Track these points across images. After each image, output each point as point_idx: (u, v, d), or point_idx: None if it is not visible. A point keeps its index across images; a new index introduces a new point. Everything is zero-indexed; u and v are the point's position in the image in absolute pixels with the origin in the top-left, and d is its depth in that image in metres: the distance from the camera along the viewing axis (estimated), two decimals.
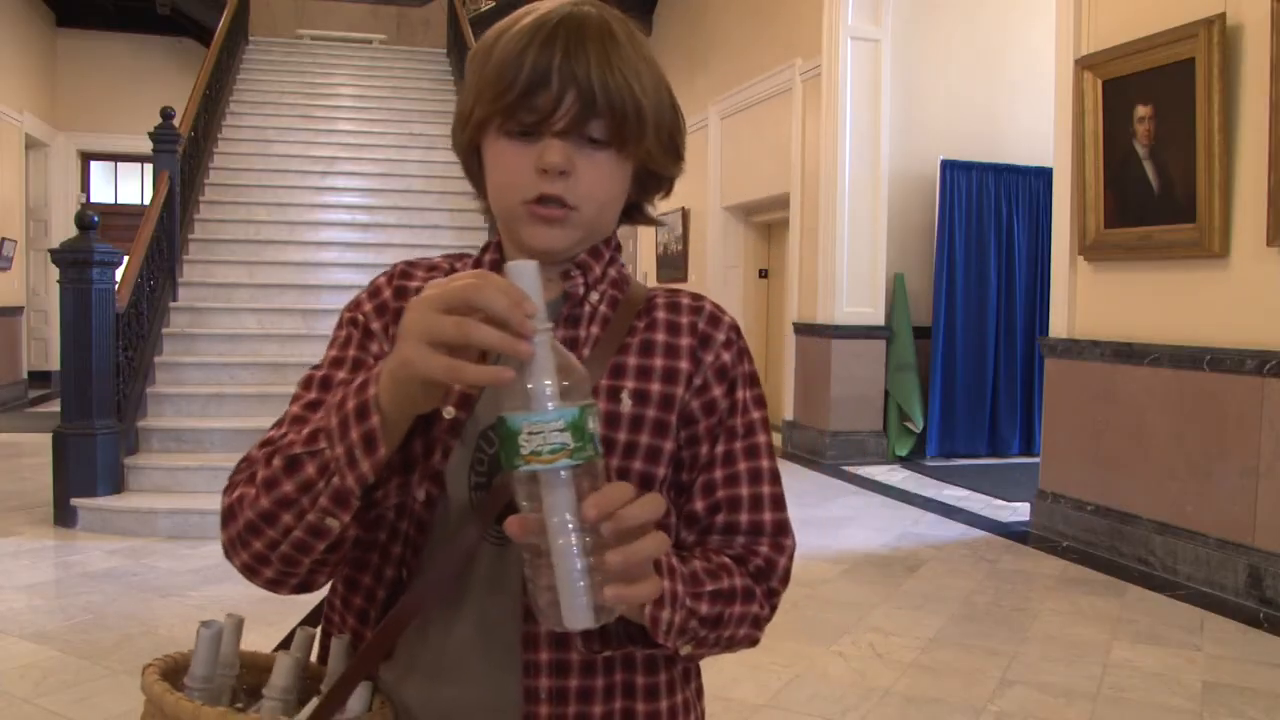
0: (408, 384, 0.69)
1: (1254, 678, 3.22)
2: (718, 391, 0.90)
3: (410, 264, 0.96)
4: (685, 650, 0.82)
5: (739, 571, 0.86)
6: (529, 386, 0.65)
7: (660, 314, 0.92)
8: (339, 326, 0.93)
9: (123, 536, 4.92)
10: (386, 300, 0.92)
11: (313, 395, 0.87)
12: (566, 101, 0.81)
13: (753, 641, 0.88)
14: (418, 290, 0.88)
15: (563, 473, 0.64)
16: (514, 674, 0.83)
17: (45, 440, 5.77)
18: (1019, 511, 5.60)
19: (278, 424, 0.86)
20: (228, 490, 0.82)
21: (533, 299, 0.66)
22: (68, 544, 4.82)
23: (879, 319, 7.26)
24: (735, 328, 0.94)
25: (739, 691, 3.04)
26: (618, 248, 0.95)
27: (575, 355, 0.84)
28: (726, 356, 0.91)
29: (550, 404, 0.64)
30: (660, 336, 0.90)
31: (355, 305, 0.93)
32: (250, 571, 0.82)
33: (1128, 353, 4.62)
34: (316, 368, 0.91)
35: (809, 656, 3.37)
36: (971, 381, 7.32)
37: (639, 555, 0.66)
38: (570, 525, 0.64)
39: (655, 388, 0.88)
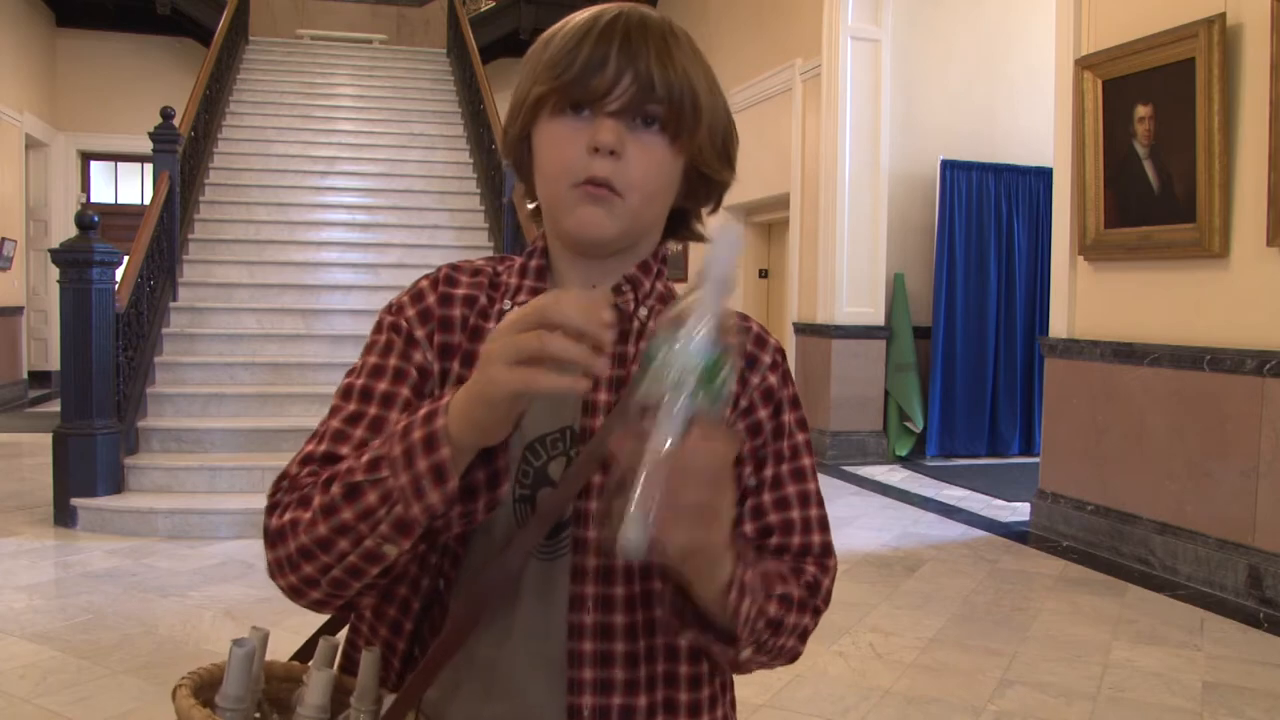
0: (489, 407, 0.69)
1: (1254, 678, 3.22)
2: (763, 414, 0.90)
3: (455, 268, 0.93)
4: (746, 654, 0.82)
5: (794, 581, 0.86)
6: (693, 328, 0.66)
7: None
8: (378, 330, 0.89)
9: (123, 536, 4.92)
10: (431, 306, 0.89)
11: (352, 407, 0.85)
12: (624, 83, 0.81)
13: (794, 656, 0.89)
14: (465, 297, 0.89)
15: (678, 406, 0.64)
16: (560, 691, 0.83)
17: (45, 440, 5.77)
18: (1019, 511, 5.60)
19: (316, 437, 0.84)
20: (274, 511, 0.81)
21: (731, 261, 0.68)
22: (68, 544, 4.82)
23: (879, 319, 7.26)
24: (780, 350, 0.94)
25: (739, 691, 3.02)
26: (664, 260, 0.94)
27: (621, 371, 0.87)
28: (773, 379, 0.91)
29: (695, 338, 0.65)
30: None
31: (397, 309, 0.89)
32: (296, 593, 0.81)
33: (1128, 353, 4.62)
34: (353, 374, 0.87)
35: (809, 656, 3.37)
36: (971, 381, 7.32)
37: (717, 502, 0.67)
38: (663, 456, 0.64)
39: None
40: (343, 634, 0.96)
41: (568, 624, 0.82)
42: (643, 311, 0.90)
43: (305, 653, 0.97)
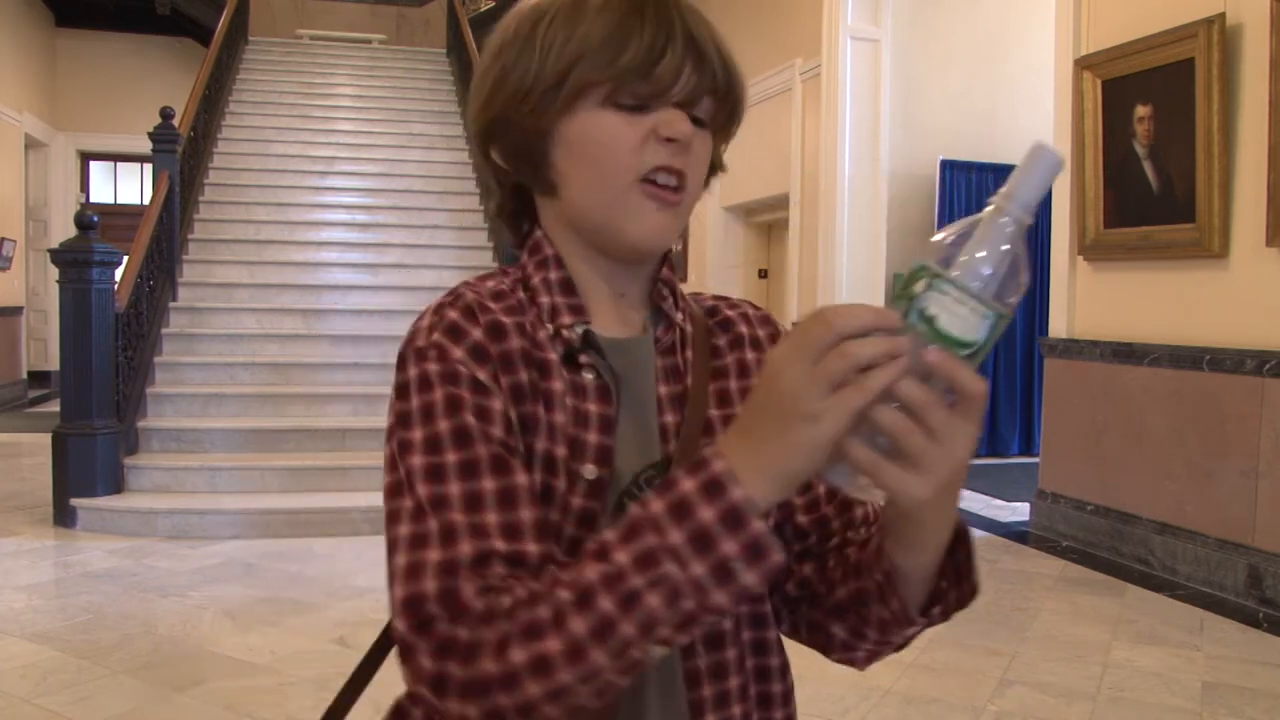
0: (813, 451, 0.59)
1: (1254, 678, 3.22)
2: None
3: (473, 289, 0.76)
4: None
5: None
6: (976, 255, 0.58)
7: (741, 329, 0.87)
8: (426, 387, 0.71)
9: (122, 537, 4.91)
10: (481, 343, 0.73)
11: (463, 488, 0.68)
12: (686, 71, 0.74)
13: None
14: (516, 326, 0.75)
15: (931, 349, 0.58)
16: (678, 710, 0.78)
17: (45, 440, 5.77)
18: (1018, 511, 5.60)
19: (446, 540, 0.66)
20: (464, 653, 0.62)
21: (1045, 187, 0.59)
22: (67, 544, 4.82)
23: None
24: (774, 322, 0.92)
25: None
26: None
27: (679, 386, 0.81)
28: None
29: (975, 284, 0.58)
30: (750, 355, 0.86)
31: (441, 355, 0.72)
32: None
33: (1127, 353, 4.62)
34: (423, 450, 0.69)
35: (808, 656, 3.36)
36: None
37: (883, 421, 0.59)
38: (902, 398, 0.58)
39: None
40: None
41: (685, 672, 0.79)
42: (679, 316, 0.84)
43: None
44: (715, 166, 0.85)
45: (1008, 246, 0.59)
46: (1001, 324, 0.59)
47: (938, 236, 0.60)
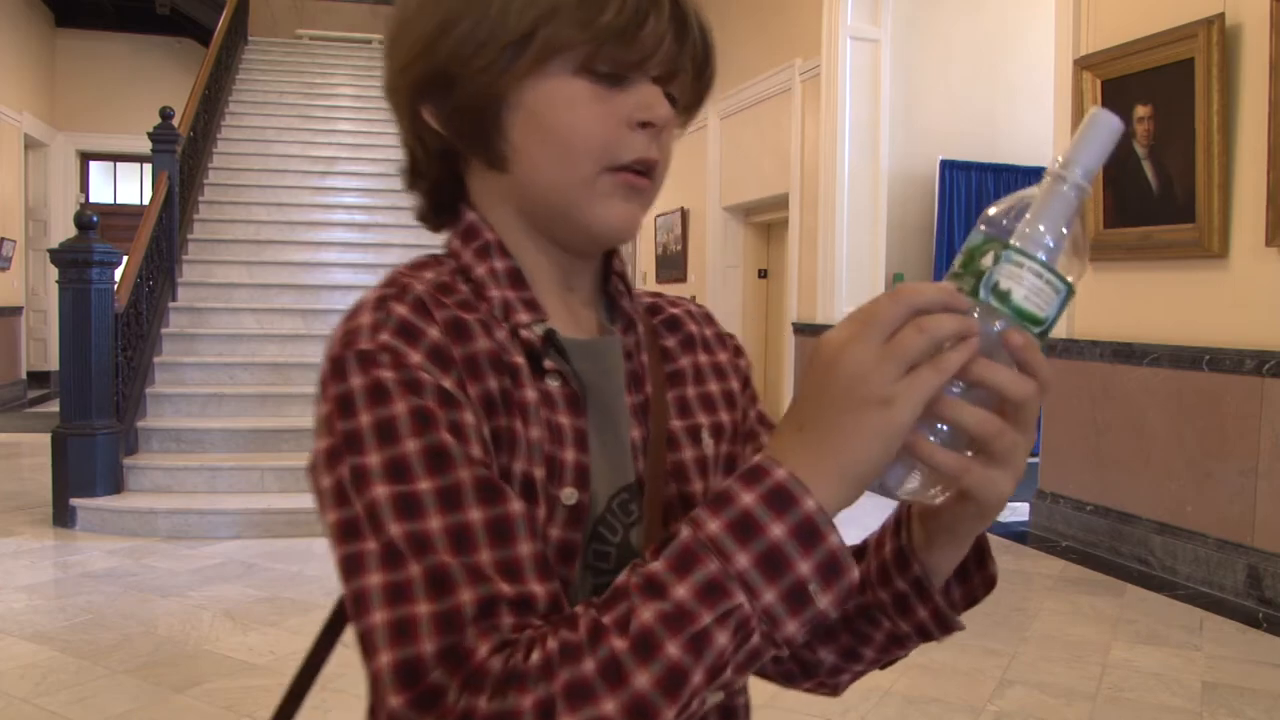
0: (888, 443, 0.52)
1: (1253, 678, 3.22)
2: (747, 395, 0.81)
3: (418, 288, 0.63)
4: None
5: None
6: (1040, 226, 0.54)
7: (691, 328, 0.79)
8: (381, 400, 0.57)
9: (122, 537, 4.91)
10: (441, 344, 0.61)
11: (444, 522, 0.55)
12: (668, 40, 0.65)
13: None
14: (482, 324, 0.64)
15: (1014, 329, 0.53)
16: None
17: (44, 440, 5.77)
18: (1018, 512, 5.60)
19: (438, 588, 0.54)
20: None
21: (1106, 153, 0.55)
22: (67, 544, 4.82)
23: None
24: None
25: None
26: None
27: (641, 395, 0.71)
28: (741, 361, 0.82)
29: (1044, 256, 0.54)
30: (703, 357, 0.78)
31: (395, 360, 0.58)
32: None
33: (1127, 353, 4.62)
34: (397, 478, 0.56)
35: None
36: None
37: (965, 417, 0.53)
38: (987, 383, 0.53)
39: (725, 417, 0.77)
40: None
41: None
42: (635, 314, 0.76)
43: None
44: None
45: (1072, 216, 0.55)
46: (1069, 300, 0.55)
47: (993, 210, 0.56)
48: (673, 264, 10.46)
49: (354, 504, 0.57)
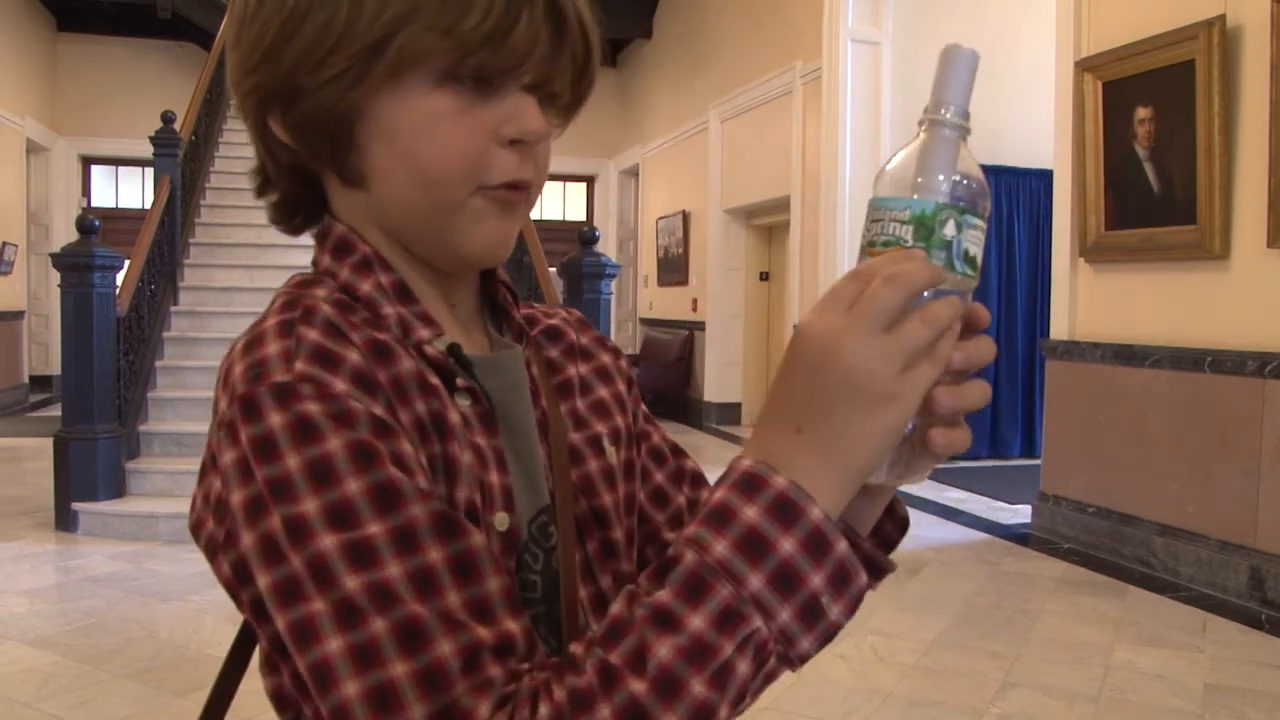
0: (891, 443, 0.49)
1: (1256, 679, 3.22)
2: (632, 397, 0.79)
3: (324, 308, 0.57)
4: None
5: None
6: (955, 177, 0.52)
7: (571, 336, 0.76)
8: (310, 438, 0.51)
9: (124, 541, 4.91)
10: (362, 368, 0.55)
11: (400, 569, 0.50)
12: (543, 40, 0.58)
13: None
14: (399, 342, 0.60)
15: (977, 304, 0.53)
16: None
17: (46, 445, 5.77)
18: (1020, 513, 5.60)
19: (411, 643, 0.48)
20: None
21: (969, 85, 0.52)
22: (69, 548, 4.82)
23: None
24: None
25: None
26: None
27: (538, 410, 0.67)
28: (622, 362, 0.79)
29: (979, 207, 0.52)
30: (582, 367, 0.74)
31: (319, 391, 0.52)
32: None
33: (1129, 354, 4.62)
34: (341, 524, 0.50)
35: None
36: None
37: (969, 401, 0.52)
38: (972, 362, 0.53)
39: (620, 422, 0.74)
40: None
41: None
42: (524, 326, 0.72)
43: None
44: None
45: (971, 158, 0.52)
46: (947, 216, 0.52)
47: (892, 170, 0.53)
48: (674, 267, 10.46)
49: (291, 561, 0.50)
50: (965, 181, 0.51)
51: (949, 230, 0.51)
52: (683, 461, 0.80)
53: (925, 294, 0.49)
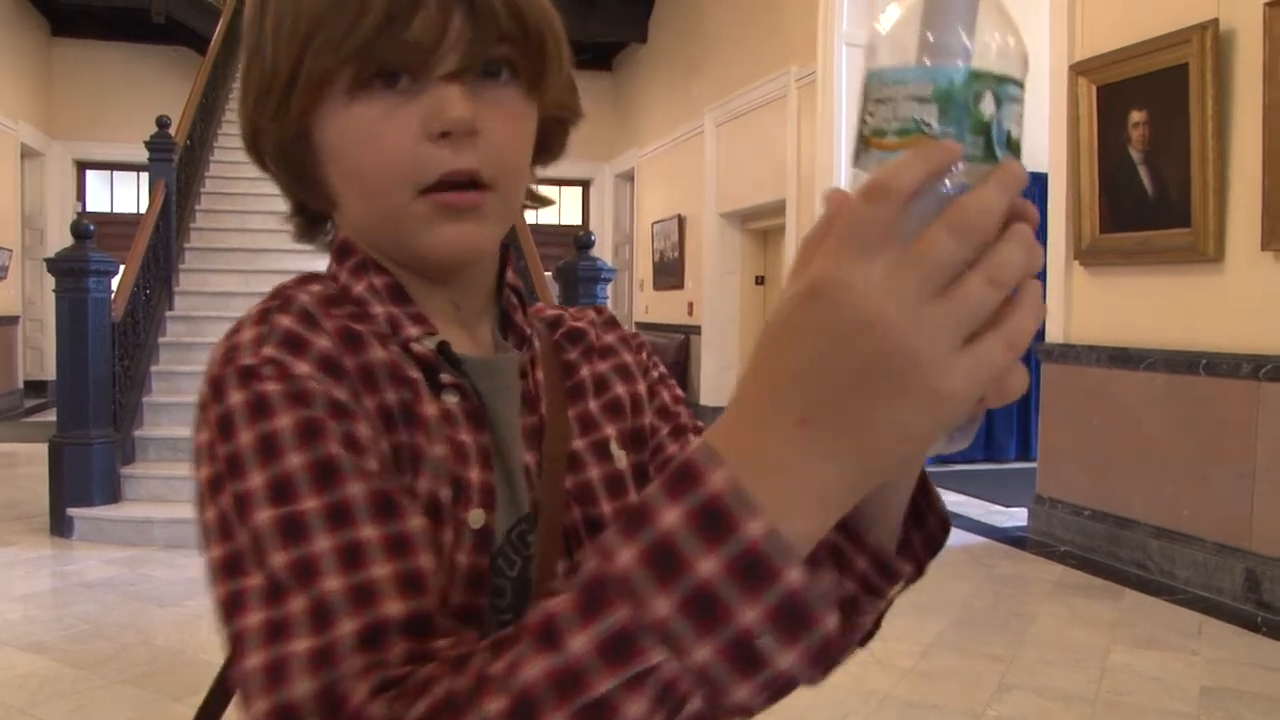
0: (931, 443, 0.40)
1: (1252, 681, 3.23)
2: (650, 387, 0.76)
3: (303, 299, 0.59)
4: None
5: None
6: (996, 34, 0.39)
7: (591, 336, 0.74)
8: (263, 415, 0.51)
9: (119, 546, 4.90)
10: (330, 353, 0.55)
11: (329, 543, 0.48)
12: (455, 23, 0.56)
13: None
14: (377, 334, 0.60)
15: (1025, 201, 0.38)
16: None
17: (41, 450, 5.75)
18: (1016, 516, 5.60)
19: (319, 622, 0.47)
20: None
21: (967, 19, 0.38)
22: (64, 554, 4.81)
23: None
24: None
25: None
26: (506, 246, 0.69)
27: (534, 416, 0.66)
28: (646, 357, 0.76)
29: (1015, 70, 0.39)
30: (601, 365, 0.72)
31: (280, 372, 0.53)
32: None
33: (1124, 357, 4.63)
34: (280, 499, 0.49)
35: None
36: None
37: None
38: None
39: (638, 422, 0.72)
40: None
41: None
42: (529, 329, 0.70)
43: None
44: (560, 123, 0.69)
45: (1000, 3, 0.39)
46: (982, 88, 0.39)
47: (891, 30, 0.40)
48: (669, 271, 10.47)
49: (237, 536, 0.50)
50: (999, 35, 0.39)
51: (987, 107, 0.38)
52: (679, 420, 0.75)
53: (947, 185, 0.37)
